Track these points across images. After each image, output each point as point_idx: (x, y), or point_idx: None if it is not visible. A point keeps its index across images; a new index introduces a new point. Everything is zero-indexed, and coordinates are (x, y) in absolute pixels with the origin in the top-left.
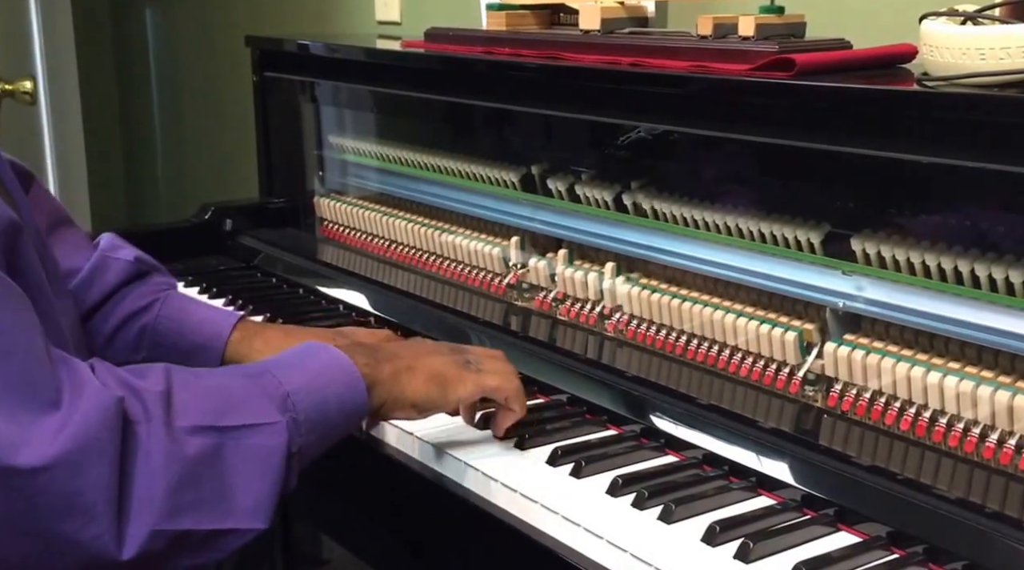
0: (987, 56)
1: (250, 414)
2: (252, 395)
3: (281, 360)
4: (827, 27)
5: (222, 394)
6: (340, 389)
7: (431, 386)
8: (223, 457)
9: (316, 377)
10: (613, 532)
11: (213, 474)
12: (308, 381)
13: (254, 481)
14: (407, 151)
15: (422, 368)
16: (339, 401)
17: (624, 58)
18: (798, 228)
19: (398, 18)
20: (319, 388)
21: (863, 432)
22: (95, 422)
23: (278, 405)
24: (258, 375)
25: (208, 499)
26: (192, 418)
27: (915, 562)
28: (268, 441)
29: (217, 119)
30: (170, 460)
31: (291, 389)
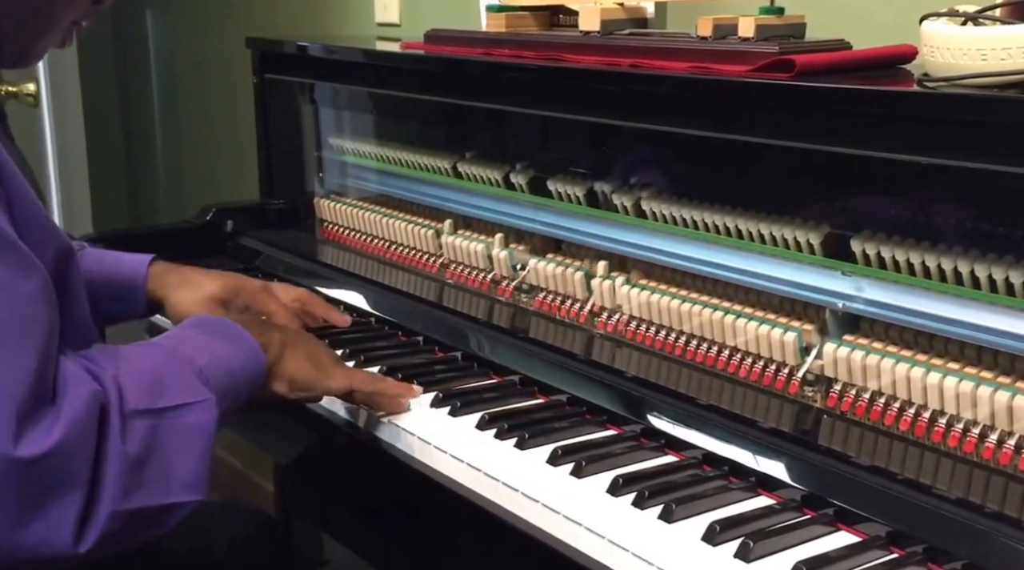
0: (988, 57)
1: (181, 394)
2: (177, 374)
3: (185, 335)
4: (827, 28)
5: (153, 375)
6: (244, 358)
7: (308, 366)
8: (162, 437)
9: (221, 350)
10: (614, 531)
11: (154, 455)
12: (215, 355)
13: (190, 458)
14: (406, 152)
15: (304, 347)
16: (244, 370)
17: (624, 59)
18: (798, 229)
19: (397, 20)
20: (226, 360)
21: (862, 432)
22: (85, 417)
23: (196, 381)
24: (171, 353)
25: (154, 478)
26: (135, 401)
27: (915, 562)
28: (200, 418)
29: (217, 120)
30: (124, 444)
31: (203, 364)
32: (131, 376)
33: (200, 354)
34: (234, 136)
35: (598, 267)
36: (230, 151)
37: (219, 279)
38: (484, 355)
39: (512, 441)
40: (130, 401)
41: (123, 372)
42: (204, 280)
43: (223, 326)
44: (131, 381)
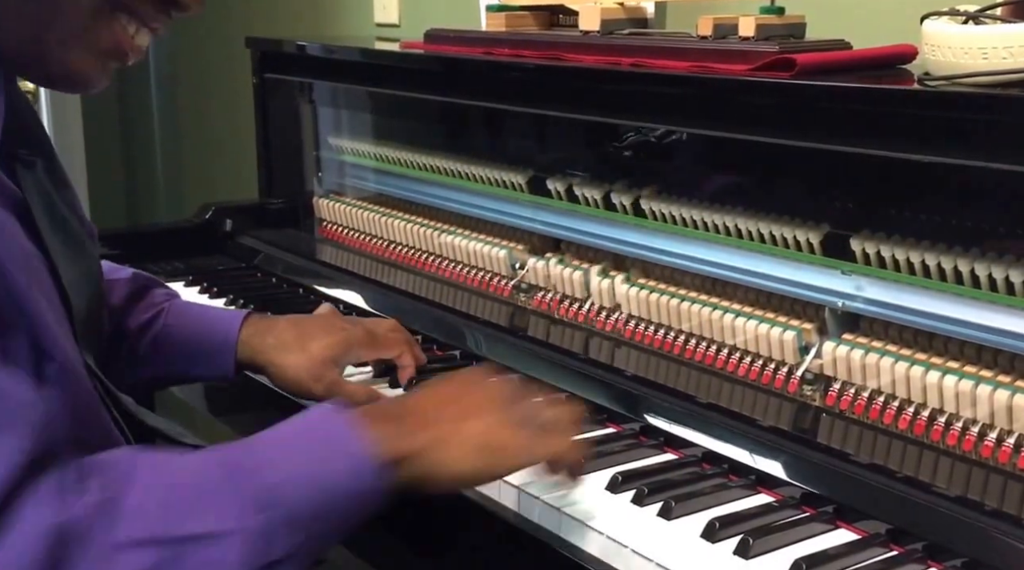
0: (989, 55)
1: (207, 520)
2: (219, 492)
3: (271, 439)
4: (827, 28)
5: (182, 492)
6: (340, 474)
7: (480, 457)
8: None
9: (310, 461)
10: (613, 528)
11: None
12: (298, 468)
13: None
14: (406, 152)
15: (468, 435)
16: (339, 487)
17: (624, 59)
18: (797, 228)
19: (397, 20)
20: (313, 476)
21: (861, 431)
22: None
23: (249, 504)
24: (239, 463)
25: None
26: (135, 528)
27: (914, 559)
28: (220, 556)
29: (217, 120)
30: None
31: (274, 481)
32: (153, 494)
33: (275, 468)
34: (233, 135)
35: (597, 266)
36: (229, 150)
37: (326, 337)
38: (482, 354)
39: None
40: (129, 528)
41: (142, 489)
42: (308, 341)
43: (327, 426)
44: (149, 501)
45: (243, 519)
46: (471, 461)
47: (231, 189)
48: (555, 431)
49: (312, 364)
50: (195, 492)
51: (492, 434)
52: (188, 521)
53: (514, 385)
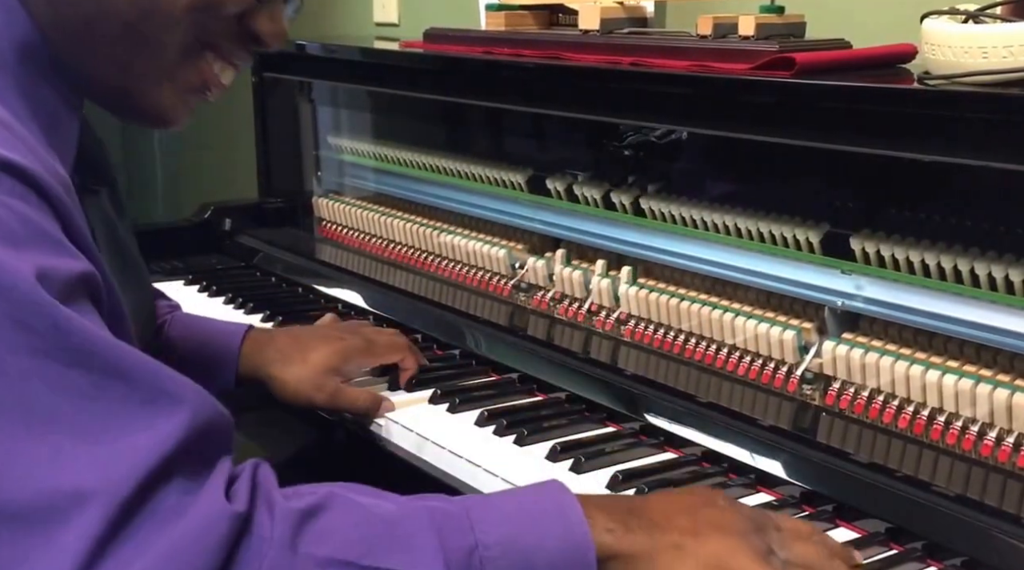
0: (989, 55)
1: (406, 561)
2: (424, 536)
3: (492, 503)
4: (826, 28)
5: (386, 527)
6: (557, 557)
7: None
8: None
9: (528, 535)
10: None
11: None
12: (514, 538)
13: None
14: (405, 151)
15: (699, 551)
16: (549, 565)
17: (624, 58)
18: (797, 227)
19: (396, 20)
20: (525, 551)
21: (861, 430)
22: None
23: (453, 557)
24: (449, 515)
25: None
26: (329, 548)
27: (914, 558)
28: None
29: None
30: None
31: (485, 542)
32: (350, 519)
33: (489, 530)
34: (232, 134)
35: (597, 266)
36: (228, 149)
37: (324, 347)
38: (482, 353)
39: (511, 437)
40: (321, 545)
41: (337, 511)
42: (307, 352)
43: (551, 502)
44: (343, 523)
45: (426, 564)
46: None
47: (230, 188)
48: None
49: (313, 374)
50: (391, 529)
51: (729, 558)
52: (383, 555)
53: (761, 512)
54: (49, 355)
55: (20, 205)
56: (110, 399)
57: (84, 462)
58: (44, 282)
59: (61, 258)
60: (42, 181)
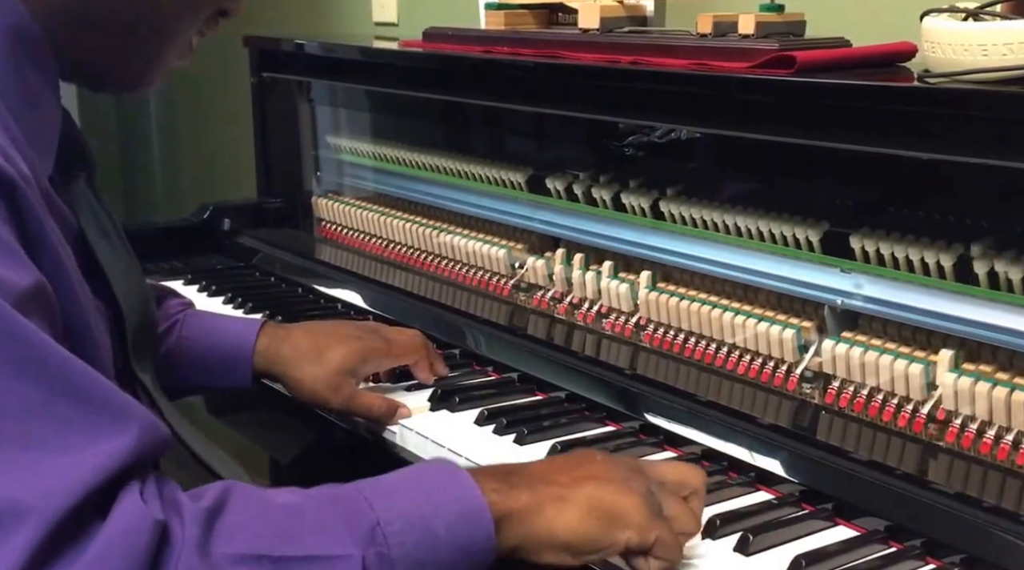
0: (989, 52)
1: (317, 544)
2: (328, 521)
3: (383, 482)
4: (826, 26)
5: (290, 517)
6: (454, 520)
7: (590, 522)
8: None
9: (423, 504)
10: None
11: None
12: (410, 509)
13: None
14: (404, 151)
15: (580, 498)
16: (454, 536)
17: (624, 57)
18: (797, 226)
19: (395, 19)
20: (424, 519)
21: (860, 428)
22: (121, 547)
23: (360, 536)
24: (347, 499)
25: None
26: (239, 544)
27: (913, 556)
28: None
29: (214, 118)
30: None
31: (386, 517)
32: (253, 513)
33: (391, 507)
34: (231, 134)
35: (597, 265)
36: (227, 149)
37: (341, 347)
38: (482, 352)
39: (511, 437)
40: (232, 543)
41: (237, 507)
42: (324, 351)
43: (440, 474)
44: (247, 518)
45: (360, 547)
46: (582, 526)
47: (229, 188)
48: (676, 514)
49: (329, 376)
50: (295, 518)
51: (610, 499)
52: (292, 543)
53: (641, 463)
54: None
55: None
56: (58, 414)
57: (24, 475)
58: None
59: (13, 269)
60: (7, 179)
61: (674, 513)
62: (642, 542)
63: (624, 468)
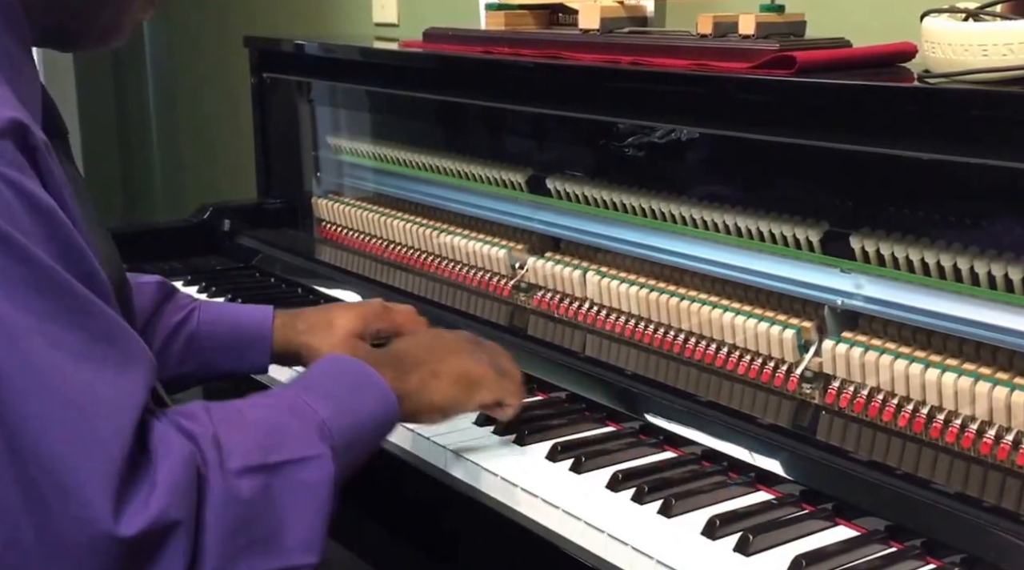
0: (989, 52)
1: (296, 448)
2: (294, 427)
3: (311, 383)
4: (827, 26)
5: (265, 428)
6: (372, 406)
7: (457, 389)
8: (273, 496)
9: (348, 399)
10: (614, 525)
11: (265, 515)
12: (341, 404)
13: (305, 517)
14: (404, 152)
15: (448, 372)
16: (372, 419)
17: (624, 57)
18: (797, 226)
19: (395, 20)
20: (352, 410)
21: (861, 428)
22: (182, 480)
23: (321, 435)
24: (295, 405)
25: (261, 540)
26: (240, 458)
27: (913, 555)
28: (316, 475)
29: (214, 119)
30: (226, 506)
31: (326, 416)
32: (240, 431)
33: (324, 404)
34: (231, 135)
35: (596, 265)
36: (227, 150)
37: (347, 313)
38: None
39: (512, 437)
40: (236, 459)
41: (229, 428)
42: (334, 319)
43: (353, 373)
44: (240, 437)
45: (321, 446)
46: (452, 393)
47: (229, 189)
48: (509, 375)
49: (343, 340)
50: (268, 428)
51: (469, 369)
52: (277, 450)
53: (471, 336)
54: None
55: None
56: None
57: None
58: None
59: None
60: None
61: (507, 368)
62: (495, 398)
63: (468, 340)
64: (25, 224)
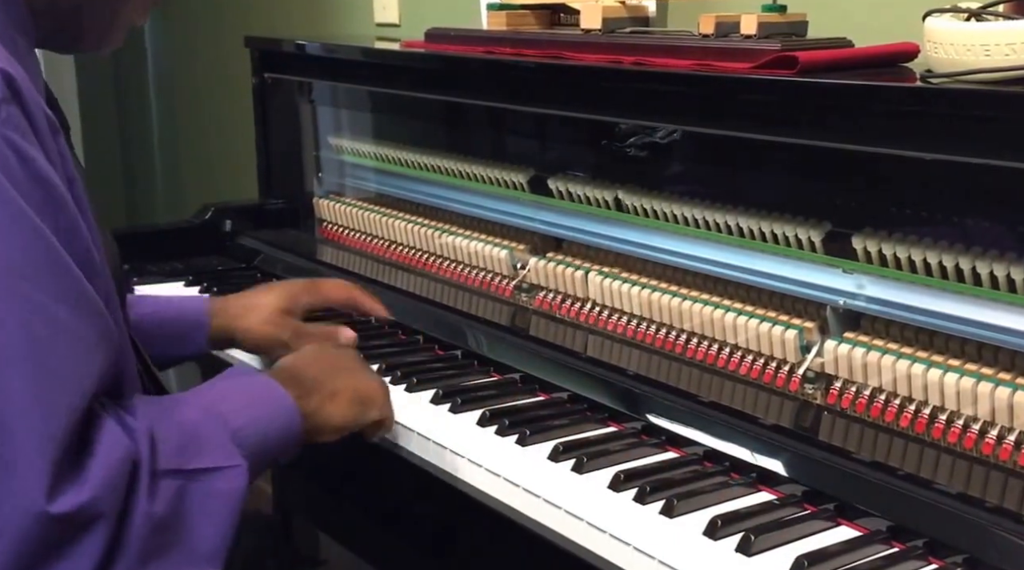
0: (992, 52)
1: (214, 456)
2: (214, 434)
3: (225, 395)
4: (829, 26)
5: (189, 433)
6: (280, 422)
7: (352, 408)
8: (189, 501)
9: (259, 411)
10: (615, 526)
11: (180, 518)
12: (252, 415)
13: (215, 526)
14: (406, 152)
15: (344, 392)
16: (278, 436)
17: (626, 57)
18: (799, 226)
19: (397, 20)
20: (263, 420)
21: (863, 429)
22: (116, 477)
23: (232, 444)
24: (215, 413)
25: (174, 544)
26: (166, 460)
27: (915, 556)
28: (230, 485)
29: (216, 119)
30: (149, 507)
31: (239, 425)
32: (166, 431)
33: (236, 416)
34: (232, 135)
35: (598, 266)
36: (228, 150)
37: (273, 291)
38: (484, 353)
39: (513, 437)
40: (161, 459)
41: (158, 426)
42: (261, 298)
43: (262, 386)
44: (165, 436)
45: (237, 457)
46: (348, 412)
47: (230, 189)
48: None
49: (272, 317)
50: (191, 433)
51: (360, 388)
52: (195, 457)
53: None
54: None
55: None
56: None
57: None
58: None
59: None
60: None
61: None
62: (384, 416)
63: (355, 358)
64: (23, 186)
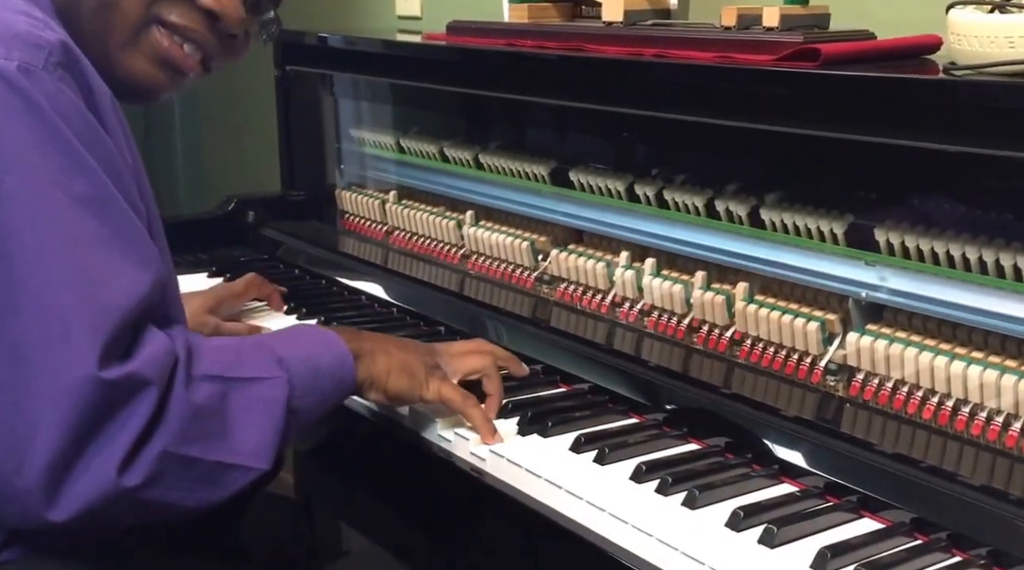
0: (1016, 44)
1: (254, 369)
2: (255, 354)
3: (275, 335)
4: (851, 18)
5: (231, 351)
6: (330, 360)
7: (402, 377)
8: (228, 402)
9: (308, 348)
10: (638, 517)
11: (219, 415)
12: (301, 351)
13: (256, 425)
14: (427, 144)
15: (397, 356)
16: (330, 370)
17: (647, 50)
18: (821, 218)
19: (419, 12)
20: (312, 357)
21: (885, 420)
22: (161, 359)
23: (279, 364)
24: (260, 344)
25: (215, 434)
26: (207, 367)
27: (939, 548)
28: (269, 392)
29: (238, 111)
30: (188, 397)
31: (285, 355)
32: (207, 346)
33: (284, 347)
34: (255, 127)
35: (620, 257)
36: (251, 142)
37: (195, 297)
38: (505, 344)
39: (535, 429)
40: (201, 366)
41: (199, 342)
42: (191, 300)
43: (315, 331)
44: (207, 349)
45: (278, 371)
46: (396, 377)
47: (253, 181)
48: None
49: (195, 317)
50: (233, 352)
51: (412, 364)
52: (237, 369)
53: (433, 349)
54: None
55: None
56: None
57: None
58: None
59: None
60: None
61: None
62: (436, 399)
63: (423, 351)
64: (77, 125)
